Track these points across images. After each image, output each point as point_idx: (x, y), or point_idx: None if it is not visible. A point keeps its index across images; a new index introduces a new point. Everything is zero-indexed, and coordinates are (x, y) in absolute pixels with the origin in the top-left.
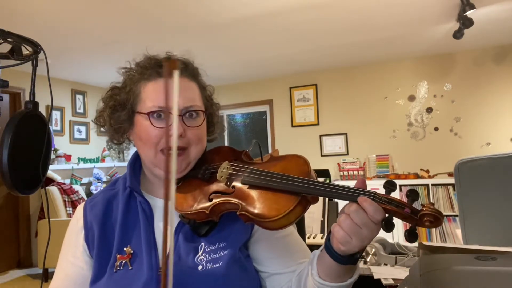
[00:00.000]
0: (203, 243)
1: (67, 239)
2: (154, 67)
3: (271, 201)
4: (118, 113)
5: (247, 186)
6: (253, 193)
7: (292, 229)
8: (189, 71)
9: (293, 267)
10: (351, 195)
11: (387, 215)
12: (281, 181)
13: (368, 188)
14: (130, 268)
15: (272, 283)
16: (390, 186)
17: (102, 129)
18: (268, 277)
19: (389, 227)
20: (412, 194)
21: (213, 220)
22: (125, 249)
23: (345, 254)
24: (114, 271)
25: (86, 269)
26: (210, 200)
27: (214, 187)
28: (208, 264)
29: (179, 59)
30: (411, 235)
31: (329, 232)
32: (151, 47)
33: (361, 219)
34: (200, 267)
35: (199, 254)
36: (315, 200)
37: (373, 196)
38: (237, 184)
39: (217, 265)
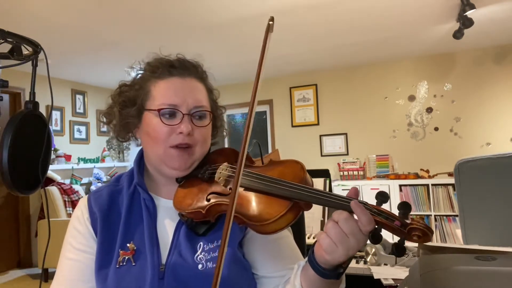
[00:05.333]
0: (201, 242)
1: (71, 229)
2: (166, 66)
3: (264, 205)
4: (127, 109)
5: (242, 189)
6: (248, 196)
7: (286, 233)
8: (199, 73)
9: (282, 272)
10: (343, 204)
11: (376, 226)
12: (274, 186)
13: (368, 188)
14: (134, 264)
15: (261, 286)
16: (382, 197)
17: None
18: (257, 279)
19: (376, 239)
20: (404, 207)
21: (210, 220)
22: (128, 245)
23: (328, 267)
24: (117, 266)
25: (94, 253)
26: (208, 200)
27: (213, 187)
28: (208, 263)
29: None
30: (399, 249)
31: (313, 245)
32: (150, 47)
33: (350, 227)
34: (200, 266)
35: (198, 253)
36: (308, 207)
37: (364, 206)
38: None
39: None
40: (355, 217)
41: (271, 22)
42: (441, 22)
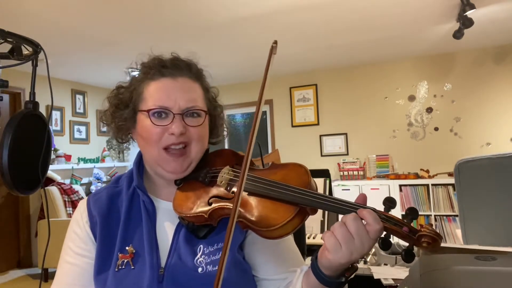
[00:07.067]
0: (201, 245)
1: (71, 232)
2: (157, 67)
3: (270, 210)
4: (121, 112)
5: (246, 193)
6: (252, 200)
7: (287, 236)
8: (193, 72)
9: (283, 275)
10: (350, 210)
11: (384, 233)
12: (281, 191)
13: (368, 188)
14: (133, 267)
15: None
16: (389, 203)
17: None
18: (257, 282)
19: (386, 244)
20: (412, 212)
21: (211, 224)
22: (127, 248)
23: (330, 274)
24: (116, 270)
25: (93, 258)
26: (210, 204)
27: (214, 191)
28: (208, 266)
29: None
30: (407, 255)
31: (316, 251)
32: (150, 47)
33: (357, 228)
34: (200, 269)
35: (198, 256)
36: (314, 212)
37: (372, 211)
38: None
39: (217, 267)
40: (364, 222)
41: (274, 45)
42: (441, 22)
